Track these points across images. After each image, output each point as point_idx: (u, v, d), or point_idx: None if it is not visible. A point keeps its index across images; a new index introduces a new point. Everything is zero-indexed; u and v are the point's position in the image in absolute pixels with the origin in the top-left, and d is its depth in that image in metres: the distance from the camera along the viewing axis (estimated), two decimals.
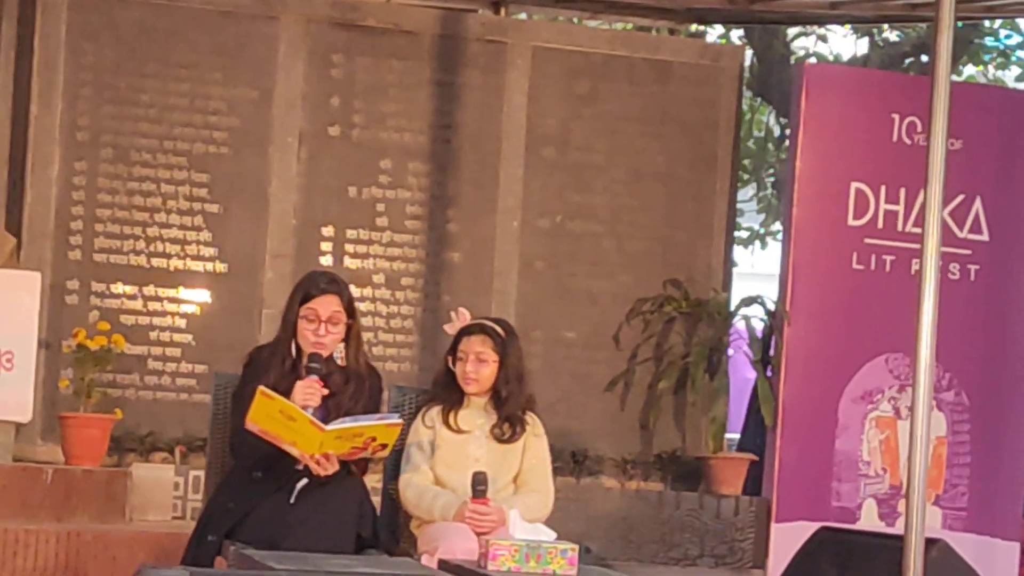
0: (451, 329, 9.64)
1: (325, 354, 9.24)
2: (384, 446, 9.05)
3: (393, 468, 9.50)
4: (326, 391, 9.11)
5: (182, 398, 14.93)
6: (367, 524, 9.20)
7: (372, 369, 9.59)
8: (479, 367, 9.35)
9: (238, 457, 9.34)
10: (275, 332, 10.09)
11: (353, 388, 9.23)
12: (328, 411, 9.00)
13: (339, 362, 9.30)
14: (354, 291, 14.84)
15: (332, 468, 8.98)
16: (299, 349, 9.31)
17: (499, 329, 9.59)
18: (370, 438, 8.97)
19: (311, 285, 9.51)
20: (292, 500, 9.05)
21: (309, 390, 9.06)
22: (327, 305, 9.29)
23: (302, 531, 8.86)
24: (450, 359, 9.50)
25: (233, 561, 8.55)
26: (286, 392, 9.00)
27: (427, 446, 9.31)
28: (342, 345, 9.36)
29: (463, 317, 9.62)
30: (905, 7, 16.44)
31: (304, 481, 9.08)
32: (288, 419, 8.88)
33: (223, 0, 15.69)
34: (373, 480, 9.70)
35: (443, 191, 15.82)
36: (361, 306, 15.20)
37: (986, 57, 24.53)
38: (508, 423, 9.36)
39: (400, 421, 9.18)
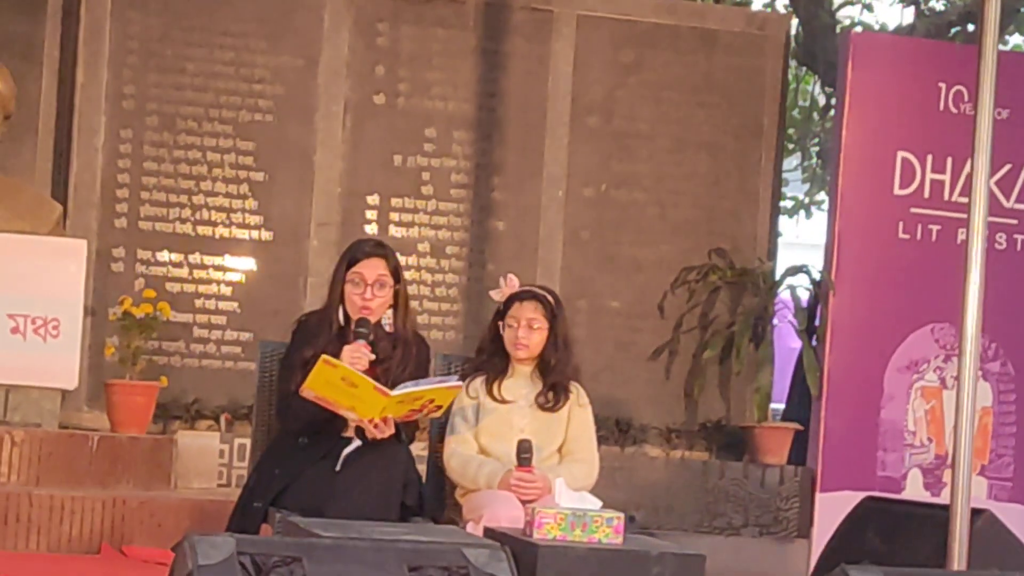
0: (499, 296, 9.63)
1: (373, 319, 9.24)
2: (439, 407, 9.08)
3: (439, 437, 9.50)
4: (373, 356, 9.11)
5: (227, 366, 14.96)
6: (412, 492, 9.19)
7: (419, 336, 9.61)
8: (530, 333, 9.34)
9: (284, 423, 9.35)
10: (320, 300, 10.12)
11: (401, 354, 9.23)
12: (376, 377, 9.00)
13: (387, 328, 9.31)
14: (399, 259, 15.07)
15: (389, 431, 9.00)
16: (347, 316, 9.31)
17: (549, 296, 9.59)
18: (429, 400, 8.99)
19: (357, 250, 9.52)
20: (338, 467, 9.04)
21: (356, 354, 9.05)
22: (373, 268, 9.29)
23: (347, 498, 8.86)
24: (500, 324, 9.49)
25: (279, 528, 8.56)
26: (336, 355, 9.01)
27: (471, 415, 9.31)
28: (390, 312, 9.37)
29: (512, 283, 9.61)
30: None
31: (350, 448, 9.09)
32: (350, 386, 8.87)
33: None
34: (419, 448, 9.70)
35: (488, 160, 15.83)
36: (406, 275, 15.26)
37: None
38: (553, 392, 9.36)
39: (459, 384, 9.19)
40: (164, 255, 15.13)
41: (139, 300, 14.52)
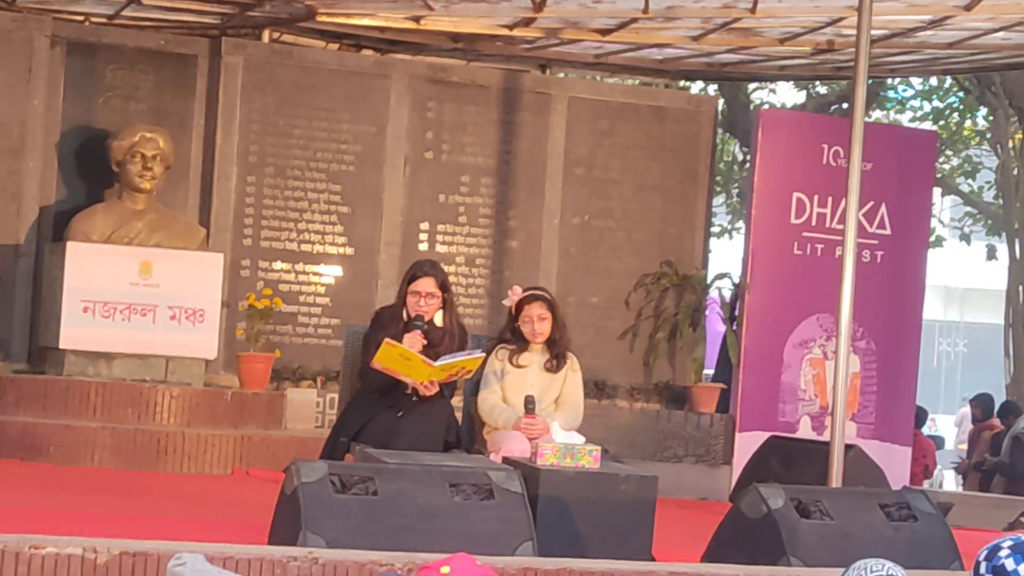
0: (508, 302, 9.60)
1: (428, 318, 9.24)
2: (469, 372, 9.11)
3: (472, 391, 9.49)
4: (425, 341, 9.11)
5: (321, 343, 14.95)
6: (452, 432, 9.20)
7: (463, 328, 9.60)
8: (541, 323, 9.28)
9: (365, 383, 9.34)
10: (386, 299, 10.20)
11: (448, 341, 9.22)
12: (431, 357, 9.01)
13: (439, 324, 9.31)
14: (445, 270, 15.05)
15: (434, 390, 9.01)
16: (409, 314, 9.32)
17: (548, 295, 9.58)
18: (462, 367, 9.01)
19: (416, 270, 9.54)
20: (400, 414, 9.04)
21: (413, 340, 9.06)
22: (425, 285, 9.30)
23: (406, 436, 8.84)
24: (516, 321, 9.44)
25: (358, 457, 8.54)
26: (399, 341, 9.04)
27: (499, 373, 9.25)
28: (441, 312, 9.37)
29: (516, 293, 9.57)
30: (831, 69, 16.35)
31: (409, 402, 9.11)
32: (405, 359, 8.91)
33: (352, 63, 15.73)
34: (457, 401, 9.70)
35: (505, 198, 15.81)
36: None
37: (888, 104, 24.43)
38: (556, 359, 9.33)
39: (482, 355, 9.16)
40: (277, 264, 15.12)
41: (260, 296, 14.52)
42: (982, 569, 5.00)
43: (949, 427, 31.04)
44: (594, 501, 7.98)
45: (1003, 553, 4.99)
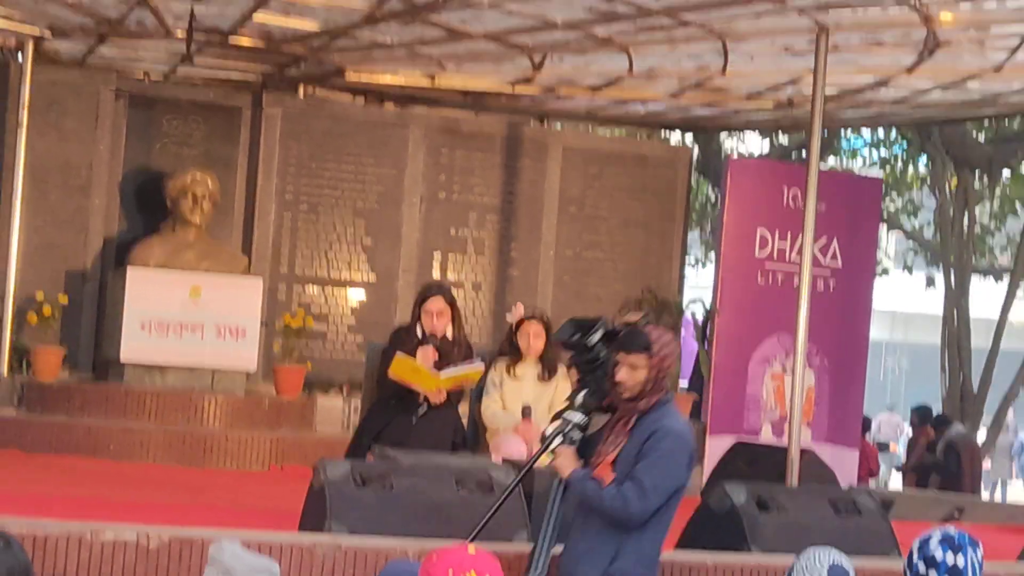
0: (511, 317, 9.57)
1: (439, 334, 9.22)
2: (472, 381, 9.15)
3: (476, 398, 9.47)
4: (436, 355, 9.10)
5: (347, 357, 14.95)
6: (459, 435, 9.21)
7: (468, 342, 9.56)
8: (536, 340, 9.25)
9: (383, 391, 9.34)
10: (405, 318, 10.12)
11: (457, 352, 9.20)
12: (444, 366, 9.02)
13: (449, 338, 9.28)
14: (453, 291, 15.03)
15: (442, 397, 9.00)
16: (422, 330, 9.30)
17: (544, 316, 9.58)
18: (464, 378, 9.04)
19: (427, 291, 9.53)
20: (414, 420, 9.04)
21: (425, 354, 9.05)
22: (436, 304, 9.26)
23: (419, 438, 8.83)
24: (515, 336, 9.44)
25: (377, 456, 8.50)
26: (413, 355, 9.03)
27: (498, 383, 9.24)
28: (451, 327, 9.35)
29: (519, 310, 9.57)
30: (791, 122, 16.38)
31: (422, 408, 9.09)
32: (415, 371, 8.94)
33: (375, 114, 15.78)
34: (464, 408, 9.69)
35: (507, 232, 15.83)
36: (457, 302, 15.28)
37: (841, 152, 24.44)
38: (548, 371, 9.32)
39: (482, 366, 9.17)
40: (310, 288, 15.14)
41: (294, 316, 14.54)
42: (915, 558, 5.01)
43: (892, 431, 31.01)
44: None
45: (933, 544, 5.01)
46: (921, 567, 4.98)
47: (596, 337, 6.02)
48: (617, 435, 5.93)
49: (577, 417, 6.09)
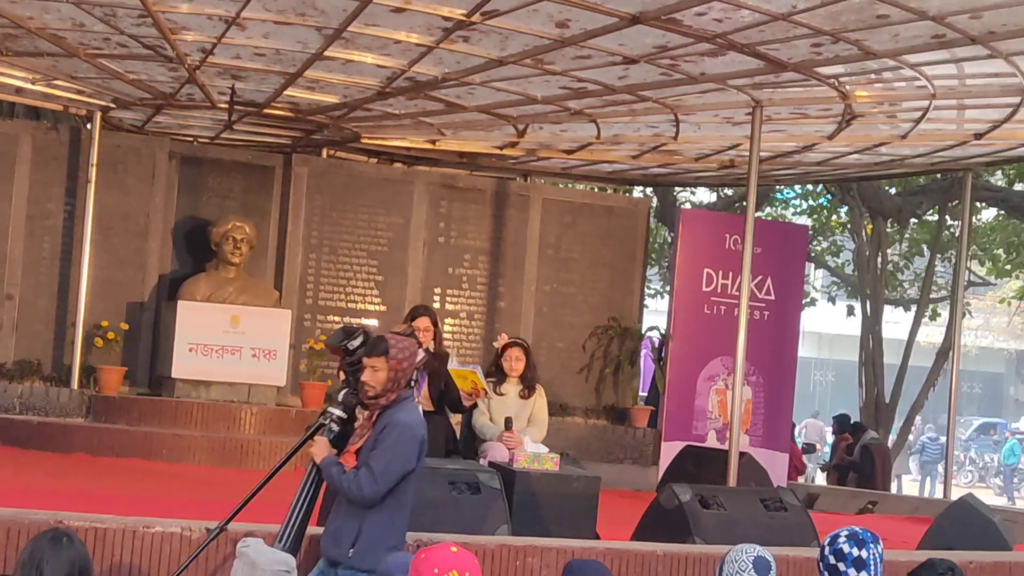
0: (497, 344, 9.57)
1: (424, 345, 9.15)
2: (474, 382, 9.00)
3: (467, 417, 9.40)
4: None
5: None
6: (451, 442, 9.09)
7: (445, 352, 9.31)
8: (517, 363, 9.20)
9: None
10: None
11: (437, 362, 9.05)
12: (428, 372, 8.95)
13: (431, 350, 9.19)
14: (448, 321, 15.10)
15: (429, 407, 8.89)
16: None
17: (525, 343, 9.56)
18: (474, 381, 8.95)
19: (415, 311, 9.38)
20: None
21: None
22: (421, 322, 9.14)
23: None
24: (500, 360, 9.42)
25: None
26: None
27: (486, 401, 9.22)
28: (433, 342, 9.28)
29: (503, 338, 9.55)
30: (733, 179, 16.43)
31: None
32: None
33: (386, 172, 15.81)
34: (455, 421, 9.64)
35: (496, 271, 15.83)
36: (451, 329, 15.34)
37: (776, 203, 24.48)
38: (527, 389, 9.28)
39: (474, 368, 9.10)
40: (331, 318, 15.11)
41: (317, 341, 14.52)
42: (826, 551, 5.04)
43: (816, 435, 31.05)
44: (554, 494, 7.98)
45: (841, 540, 5.03)
46: (831, 559, 5.00)
47: (356, 343, 5.92)
48: (363, 428, 5.82)
49: (337, 411, 5.96)
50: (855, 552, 4.95)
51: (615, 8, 9.13)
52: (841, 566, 4.95)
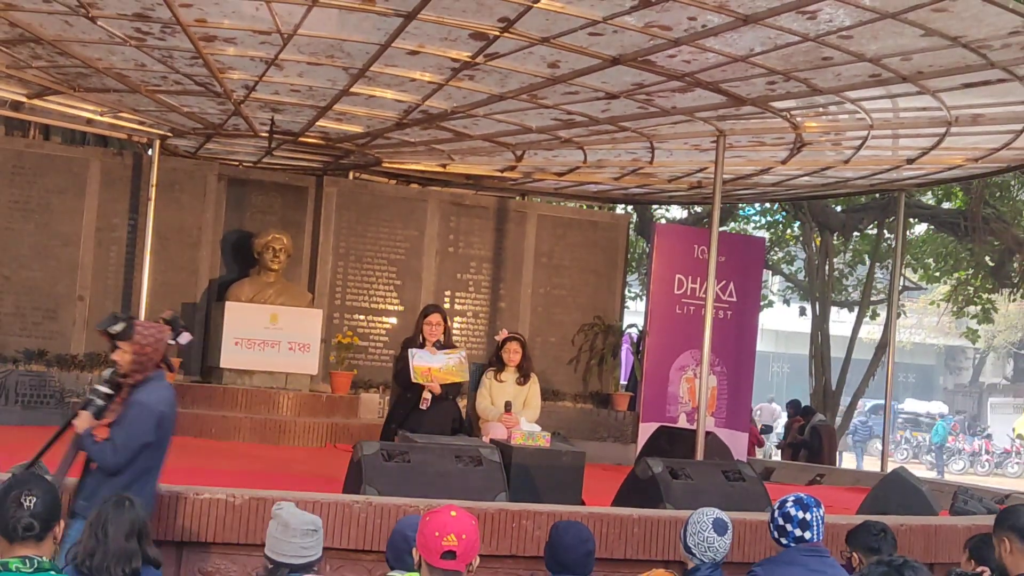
0: (499, 338, 9.59)
1: (434, 339, 9.15)
2: (457, 377, 9.00)
3: (471, 401, 9.43)
4: (434, 352, 9.05)
5: (383, 366, 14.93)
6: (457, 422, 9.13)
7: (453, 345, 9.40)
8: (515, 355, 9.22)
9: (398, 381, 9.25)
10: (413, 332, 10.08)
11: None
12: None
13: (441, 341, 9.21)
14: (456, 319, 15.10)
15: (438, 391, 8.94)
16: (424, 338, 9.21)
17: (522, 337, 9.57)
18: (451, 372, 8.93)
19: (427, 309, 9.43)
20: (423, 408, 9.01)
21: (427, 350, 9.01)
22: (433, 318, 9.18)
23: (428, 424, 8.81)
24: (500, 352, 9.45)
25: (401, 438, 8.55)
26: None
27: (488, 386, 9.22)
28: (443, 336, 9.31)
29: (504, 332, 9.58)
30: (701, 197, 16.44)
31: (425, 403, 9.03)
32: (427, 375, 8.94)
33: (403, 192, 15.78)
34: (462, 403, 9.68)
35: (498, 276, 15.84)
36: (459, 326, 15.31)
37: (738, 219, 24.48)
38: (523, 377, 9.30)
39: (460, 358, 9.06)
40: (357, 316, 15.14)
41: (344, 336, 14.55)
42: (776, 514, 5.06)
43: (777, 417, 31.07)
44: (545, 467, 7.99)
45: (788, 504, 5.06)
46: (780, 520, 5.03)
47: (117, 328, 5.71)
48: (117, 404, 5.69)
49: (102, 389, 5.75)
50: (800, 515, 4.98)
51: (599, 51, 9.16)
52: (788, 527, 4.98)
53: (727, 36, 8.55)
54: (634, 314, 22.08)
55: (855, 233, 22.14)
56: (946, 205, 21.44)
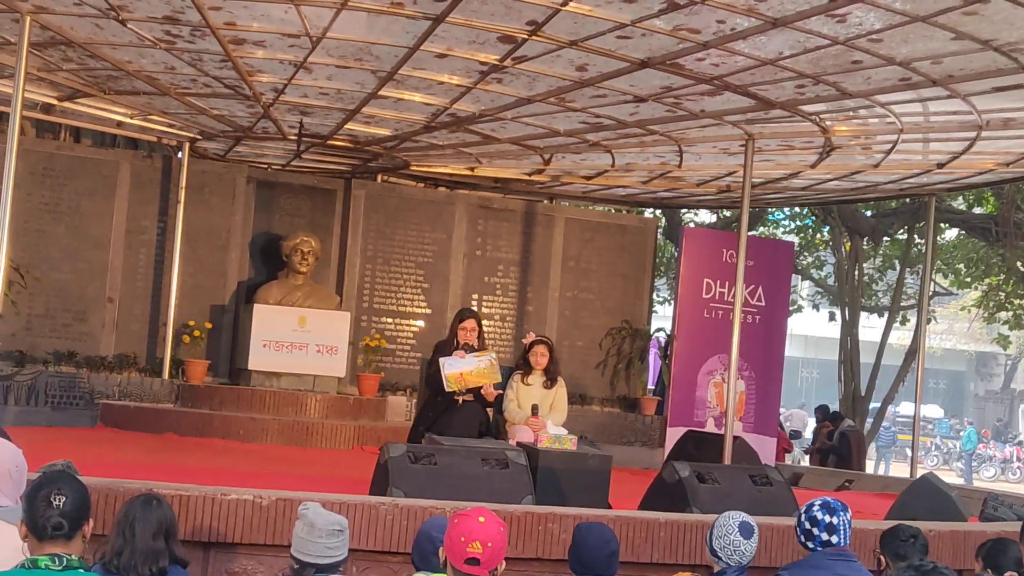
0: (526, 341, 9.58)
1: (470, 343, 9.17)
2: (488, 380, 9.00)
3: (498, 403, 9.44)
4: (464, 356, 9.07)
5: (410, 368, 14.97)
6: (484, 425, 9.13)
7: (488, 347, 9.47)
8: (542, 358, 9.21)
9: (429, 385, 9.29)
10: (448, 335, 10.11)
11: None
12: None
13: (475, 347, 9.24)
14: (484, 322, 15.04)
15: (469, 396, 8.95)
16: (458, 342, 9.25)
17: (549, 341, 9.57)
18: (481, 374, 8.93)
19: (462, 314, 9.45)
20: (452, 414, 9.01)
21: (459, 355, 9.01)
22: (468, 323, 9.22)
23: (456, 427, 8.83)
24: (528, 355, 9.44)
25: (427, 441, 8.53)
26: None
27: (515, 389, 9.22)
28: (477, 340, 9.32)
29: (531, 335, 9.58)
30: (730, 201, 16.40)
31: (459, 402, 9.07)
32: (460, 380, 8.95)
33: (431, 195, 15.81)
34: (487, 406, 9.68)
35: (526, 279, 15.85)
36: (486, 329, 15.29)
37: (768, 223, 24.40)
38: (550, 381, 9.30)
39: (490, 361, 9.07)
40: (385, 319, 15.17)
41: (372, 338, 14.58)
42: (802, 518, 5.04)
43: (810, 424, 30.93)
44: (572, 470, 7.94)
45: (815, 508, 5.04)
46: (807, 524, 5.01)
47: None
48: None
49: None
50: (827, 519, 4.96)
51: (627, 54, 9.16)
52: (815, 531, 4.96)
53: (756, 39, 8.54)
54: (662, 318, 22.05)
55: (885, 238, 22.03)
56: (977, 210, 21.29)
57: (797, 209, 23.02)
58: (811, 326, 37.89)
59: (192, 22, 9.26)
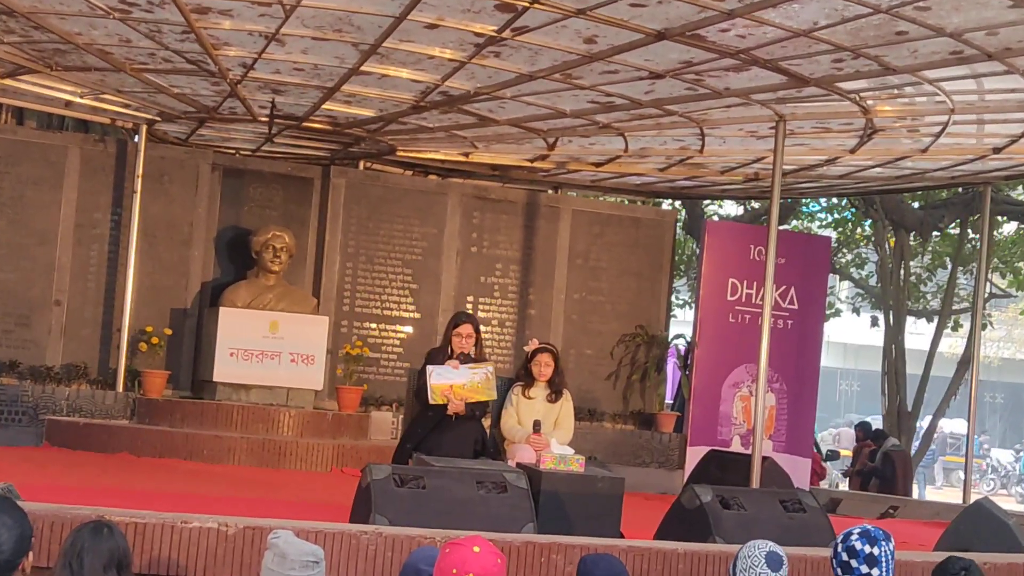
0: (528, 348, 9.59)
1: (465, 352, 9.17)
2: (484, 395, 8.99)
3: (497, 416, 9.44)
4: (458, 367, 9.05)
5: (396, 380, 14.96)
6: (480, 444, 9.09)
7: (485, 358, 9.46)
8: (546, 368, 9.21)
9: (418, 398, 9.28)
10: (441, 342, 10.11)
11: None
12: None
13: (472, 356, 9.23)
14: (481, 327, 15.08)
15: (462, 410, 8.94)
16: (452, 350, 9.25)
17: (554, 348, 9.58)
18: (477, 389, 8.94)
19: (458, 318, 9.46)
20: (444, 431, 8.96)
21: (453, 365, 8.98)
22: (464, 328, 9.22)
23: (447, 446, 8.79)
24: (530, 364, 9.44)
25: (416, 461, 8.54)
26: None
27: (515, 403, 9.22)
28: (475, 348, 9.32)
29: (534, 343, 9.57)
30: (757, 191, 16.40)
31: (447, 421, 9.04)
32: (446, 394, 8.94)
33: (420, 184, 15.83)
34: (485, 422, 9.67)
35: (527, 279, 15.85)
36: (486, 335, 15.26)
37: (802, 216, 24.41)
38: (555, 394, 9.30)
39: (487, 372, 9.04)
40: (367, 324, 15.18)
41: (354, 346, 14.59)
42: (839, 549, 5.04)
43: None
44: (579, 494, 7.96)
45: (854, 537, 5.03)
46: (844, 556, 5.00)
47: None
48: None
49: None
50: (867, 549, 4.96)
51: (641, 24, 9.16)
52: (853, 563, 4.95)
53: (787, 7, 8.54)
54: (681, 323, 22.05)
55: (935, 233, 22.03)
56: None
57: (835, 200, 23.03)
58: (851, 332, 37.90)
59: None
